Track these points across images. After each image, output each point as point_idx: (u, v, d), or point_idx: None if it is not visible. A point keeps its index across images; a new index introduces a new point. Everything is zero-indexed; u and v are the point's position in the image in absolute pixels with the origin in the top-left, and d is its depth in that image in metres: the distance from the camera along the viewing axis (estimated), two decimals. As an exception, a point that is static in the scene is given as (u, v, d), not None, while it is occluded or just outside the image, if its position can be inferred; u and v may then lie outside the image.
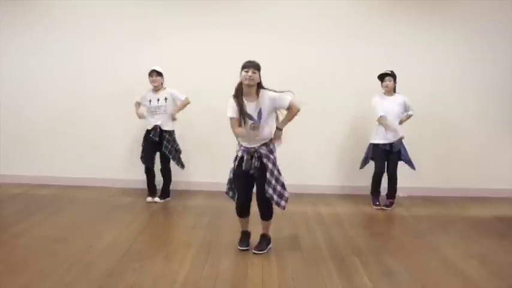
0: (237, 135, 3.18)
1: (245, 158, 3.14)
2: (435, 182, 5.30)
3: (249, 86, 3.06)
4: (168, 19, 5.23)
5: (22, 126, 5.41)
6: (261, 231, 3.39)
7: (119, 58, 5.25)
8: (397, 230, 4.09)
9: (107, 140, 5.32)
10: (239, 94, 3.09)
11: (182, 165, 4.81)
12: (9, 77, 5.39)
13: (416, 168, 4.66)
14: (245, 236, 3.38)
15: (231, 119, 3.12)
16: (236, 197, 3.29)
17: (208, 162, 5.27)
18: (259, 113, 3.09)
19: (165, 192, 4.81)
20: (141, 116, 4.67)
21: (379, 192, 4.78)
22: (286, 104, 3.11)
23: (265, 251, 3.28)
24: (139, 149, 4.84)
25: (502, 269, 3.13)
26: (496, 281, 2.92)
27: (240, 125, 3.11)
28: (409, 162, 4.67)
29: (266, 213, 3.28)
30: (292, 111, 3.14)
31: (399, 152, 4.62)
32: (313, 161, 5.27)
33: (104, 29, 5.26)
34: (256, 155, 3.13)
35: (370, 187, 4.81)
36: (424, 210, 4.66)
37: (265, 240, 3.35)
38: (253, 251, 3.28)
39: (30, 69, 5.36)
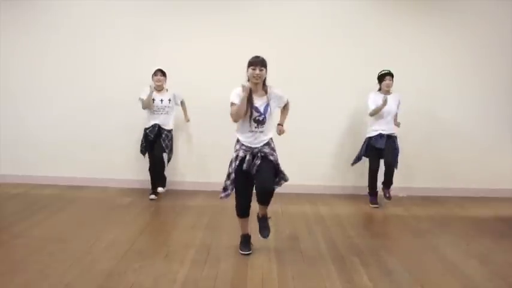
0: (235, 116, 3.09)
1: (247, 158, 3.13)
2: (435, 182, 5.30)
3: (256, 83, 3.11)
4: (168, 19, 5.22)
5: (22, 126, 5.40)
6: (259, 214, 3.33)
7: (119, 58, 5.24)
8: (397, 230, 4.09)
9: (106, 140, 5.31)
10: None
11: (166, 164, 4.88)
12: (9, 77, 5.38)
13: (397, 168, 4.70)
14: (246, 239, 3.35)
15: (232, 104, 3.08)
16: (237, 199, 3.25)
17: (207, 162, 5.26)
18: (266, 108, 3.15)
19: (163, 179, 4.88)
20: (147, 103, 4.62)
21: (377, 191, 4.81)
22: (286, 102, 3.35)
23: (270, 234, 3.33)
24: (139, 149, 4.86)
25: (502, 268, 3.13)
26: (496, 281, 2.92)
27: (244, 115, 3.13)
28: (394, 160, 4.67)
29: (266, 201, 3.20)
30: (287, 109, 3.41)
31: (392, 146, 4.63)
32: (313, 161, 5.27)
33: (103, 29, 5.25)
34: (259, 155, 3.14)
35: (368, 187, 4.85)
36: (424, 210, 4.66)
37: (266, 220, 3.33)
38: (260, 235, 3.31)
39: (30, 69, 5.35)
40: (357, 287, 2.78)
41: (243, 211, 3.26)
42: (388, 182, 4.73)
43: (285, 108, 3.39)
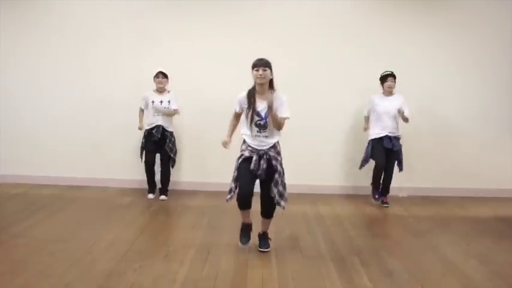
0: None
1: (254, 158, 3.13)
2: (435, 181, 5.30)
3: (261, 84, 3.11)
4: (170, 20, 5.22)
5: (22, 126, 5.39)
6: (260, 231, 3.37)
7: (120, 58, 5.24)
8: (397, 230, 4.09)
9: (106, 140, 5.31)
10: (253, 92, 3.16)
11: (173, 165, 4.90)
12: (10, 77, 5.38)
13: (403, 169, 4.71)
14: (246, 228, 3.31)
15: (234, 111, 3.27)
16: (238, 189, 3.17)
17: (208, 162, 5.26)
18: (267, 112, 3.12)
19: (166, 188, 4.90)
20: (141, 128, 4.80)
21: (380, 186, 4.79)
22: (285, 115, 3.13)
23: (270, 248, 3.30)
24: (139, 149, 4.85)
25: (502, 268, 3.13)
26: (496, 281, 2.92)
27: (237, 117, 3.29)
28: (400, 162, 4.68)
29: (269, 212, 3.28)
30: (281, 122, 3.14)
31: (397, 150, 4.63)
32: (313, 161, 5.27)
33: (104, 30, 5.25)
34: (265, 157, 3.14)
35: (370, 186, 4.87)
36: (424, 210, 4.66)
37: (267, 237, 3.36)
38: (260, 249, 3.29)
39: (31, 69, 5.35)
40: (357, 287, 2.78)
41: (244, 200, 3.13)
42: (385, 190, 4.75)
43: (279, 120, 3.11)
